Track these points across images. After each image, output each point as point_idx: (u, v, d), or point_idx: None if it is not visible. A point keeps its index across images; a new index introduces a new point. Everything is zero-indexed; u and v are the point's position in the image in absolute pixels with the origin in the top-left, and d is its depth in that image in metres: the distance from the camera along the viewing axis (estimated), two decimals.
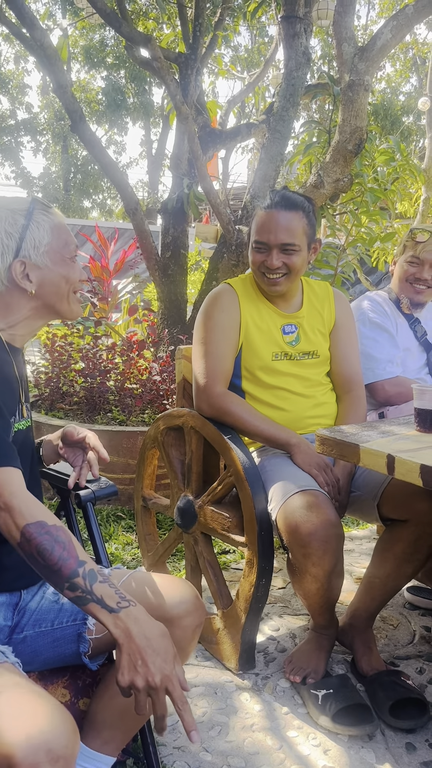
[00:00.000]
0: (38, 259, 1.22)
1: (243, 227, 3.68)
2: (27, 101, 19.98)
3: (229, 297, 1.97)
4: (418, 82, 15.88)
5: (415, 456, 1.30)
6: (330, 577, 1.63)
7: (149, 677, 0.97)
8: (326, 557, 1.59)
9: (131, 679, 0.97)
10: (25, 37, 3.51)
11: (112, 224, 12.02)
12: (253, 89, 5.79)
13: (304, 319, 2.00)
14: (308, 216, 1.90)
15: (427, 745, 1.61)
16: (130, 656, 0.98)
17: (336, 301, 2.08)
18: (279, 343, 1.96)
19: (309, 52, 3.71)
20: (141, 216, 3.93)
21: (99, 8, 3.79)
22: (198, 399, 1.94)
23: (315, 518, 1.59)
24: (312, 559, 1.60)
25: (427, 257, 2.28)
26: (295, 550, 1.63)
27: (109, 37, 16.24)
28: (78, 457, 1.44)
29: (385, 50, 3.12)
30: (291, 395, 1.96)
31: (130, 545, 2.73)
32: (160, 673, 0.97)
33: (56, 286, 1.25)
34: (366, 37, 13.02)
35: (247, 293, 1.99)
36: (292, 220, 1.86)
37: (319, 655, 1.79)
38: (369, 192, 3.53)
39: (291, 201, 1.87)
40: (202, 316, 1.97)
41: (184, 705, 0.97)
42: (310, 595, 1.68)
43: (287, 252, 1.87)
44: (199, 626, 1.26)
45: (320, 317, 2.04)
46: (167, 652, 1.00)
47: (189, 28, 4.27)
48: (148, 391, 3.41)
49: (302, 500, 1.64)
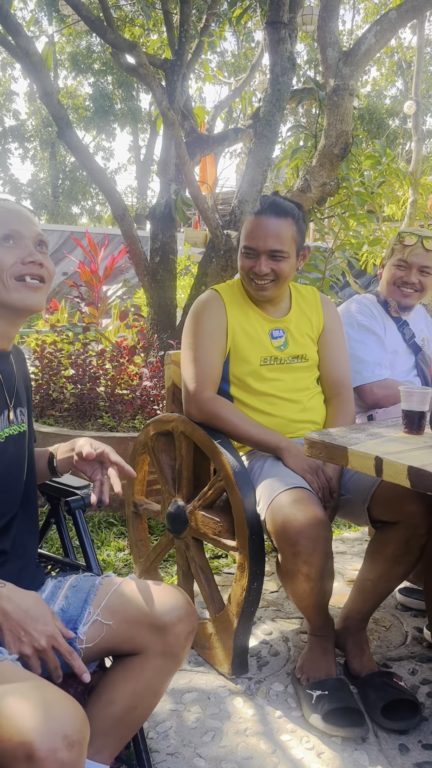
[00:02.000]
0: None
1: (231, 232, 3.69)
2: (14, 108, 20.01)
3: (216, 303, 1.97)
4: (404, 86, 16.00)
5: (403, 458, 1.30)
6: (321, 575, 1.63)
7: (35, 643, 1.05)
8: (316, 554, 1.60)
9: (19, 649, 1.05)
10: (10, 44, 3.51)
11: (101, 230, 12.01)
12: (240, 94, 5.81)
13: (291, 323, 2.01)
14: (298, 223, 1.90)
15: (420, 746, 1.61)
16: (12, 631, 1.05)
17: (324, 306, 2.09)
18: (267, 347, 1.97)
19: (294, 58, 3.73)
20: (130, 221, 3.93)
21: (84, 16, 3.80)
22: (187, 404, 1.94)
23: (302, 516, 1.60)
24: (302, 557, 1.60)
25: (415, 261, 2.28)
26: (285, 549, 1.63)
27: (95, 44, 16.27)
28: (96, 471, 1.33)
29: (370, 54, 3.15)
30: (279, 400, 1.96)
31: (122, 551, 2.72)
32: (44, 636, 1.05)
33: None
34: (352, 42, 13.10)
35: (234, 299, 2.00)
36: (282, 227, 1.86)
37: (327, 659, 1.78)
38: (356, 195, 3.55)
39: (281, 208, 1.88)
40: (190, 322, 1.98)
41: (72, 654, 1.08)
42: (303, 596, 1.68)
43: (276, 258, 1.87)
44: (191, 632, 1.25)
45: (309, 322, 2.05)
46: (45, 615, 1.09)
47: (175, 34, 4.28)
48: (139, 396, 3.41)
49: (289, 498, 1.65)
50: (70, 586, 1.27)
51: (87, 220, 22.57)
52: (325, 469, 1.83)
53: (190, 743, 1.61)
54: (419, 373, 2.36)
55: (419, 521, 1.67)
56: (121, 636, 1.21)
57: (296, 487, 1.69)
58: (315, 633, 1.80)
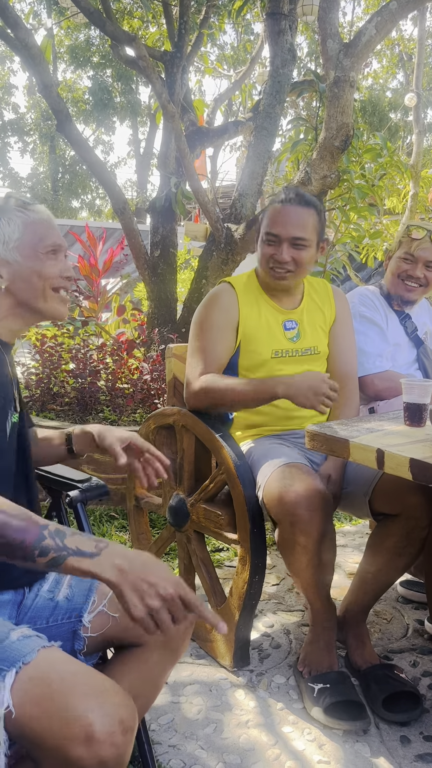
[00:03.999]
0: (8, 254, 1.22)
1: (232, 225, 3.68)
2: (13, 101, 19.92)
3: (228, 296, 1.97)
4: (405, 79, 15.92)
5: (405, 450, 1.30)
6: (320, 547, 1.63)
7: (160, 590, 0.94)
8: (313, 524, 1.60)
9: (146, 604, 0.93)
10: (9, 37, 3.49)
11: (101, 224, 11.98)
12: (240, 87, 5.79)
13: (304, 314, 2.02)
14: (320, 214, 1.93)
15: (422, 737, 1.62)
16: (134, 586, 0.94)
17: (336, 298, 2.10)
18: (280, 340, 1.97)
19: (294, 49, 3.71)
20: (129, 215, 3.92)
21: (83, 7, 3.78)
22: (186, 393, 1.94)
23: (299, 486, 1.62)
24: (299, 526, 1.60)
25: (422, 255, 2.26)
26: (283, 520, 1.64)
27: (94, 37, 16.19)
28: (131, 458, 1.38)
29: (370, 46, 3.13)
30: None
31: (123, 545, 2.72)
32: (170, 583, 0.94)
33: (27, 281, 1.23)
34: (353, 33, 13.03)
35: (248, 291, 2.00)
36: (305, 215, 1.88)
37: (329, 651, 1.78)
38: (356, 188, 3.54)
39: (304, 198, 1.91)
40: (199, 313, 1.98)
41: (201, 604, 0.96)
42: (301, 570, 1.68)
43: (297, 246, 1.88)
44: (190, 627, 1.27)
45: (321, 314, 2.05)
46: (163, 566, 0.98)
47: (174, 26, 4.26)
48: (139, 390, 3.41)
49: (284, 471, 1.67)
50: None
51: (87, 214, 22.51)
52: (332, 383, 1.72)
53: (191, 735, 1.61)
54: (420, 367, 2.36)
55: (420, 513, 1.67)
56: (123, 626, 1.21)
57: (291, 462, 1.70)
58: (317, 622, 1.79)
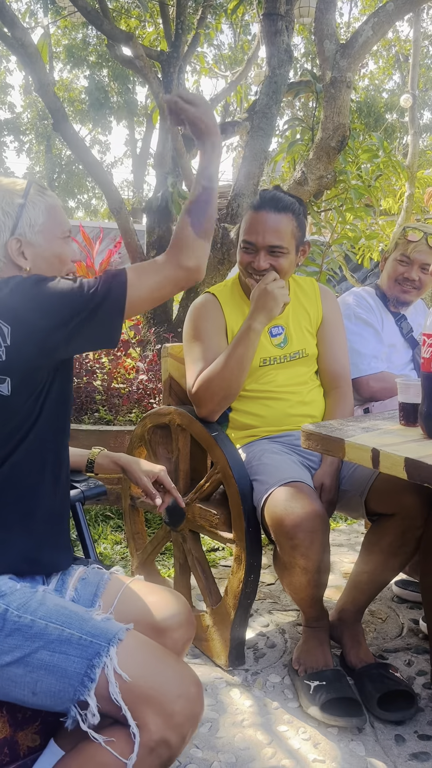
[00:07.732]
0: (33, 237, 1.25)
1: (228, 225, 3.68)
2: (9, 101, 19.82)
3: (212, 306, 1.96)
4: (401, 80, 15.94)
5: (400, 449, 1.30)
6: (319, 568, 1.64)
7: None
8: (313, 547, 1.60)
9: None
10: (5, 36, 3.49)
11: (97, 224, 11.95)
12: (236, 87, 5.79)
13: (290, 318, 2.00)
14: (298, 218, 1.88)
15: (416, 736, 1.62)
16: None
17: (323, 298, 2.07)
18: (266, 347, 1.96)
19: (291, 50, 3.71)
20: (126, 215, 3.92)
21: (80, 6, 3.78)
22: (194, 404, 1.91)
23: (300, 509, 1.60)
24: (300, 551, 1.61)
25: (418, 257, 2.25)
26: (283, 543, 1.63)
27: (91, 36, 16.14)
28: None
29: (367, 47, 3.13)
30: (277, 395, 1.96)
31: (119, 544, 2.72)
32: None
33: (49, 263, 1.28)
34: (349, 34, 13.05)
35: (231, 299, 1.98)
36: (281, 222, 1.84)
37: (323, 650, 1.78)
38: (353, 189, 3.54)
39: (281, 202, 1.86)
40: (188, 326, 1.97)
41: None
42: (300, 589, 1.69)
43: (275, 254, 1.86)
44: (188, 641, 1.29)
45: (307, 315, 2.03)
46: None
47: (171, 26, 4.26)
48: (135, 390, 3.41)
49: (286, 492, 1.65)
50: (78, 578, 1.29)
51: (83, 213, 22.48)
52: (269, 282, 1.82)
53: None
54: (416, 367, 2.36)
55: (415, 513, 1.68)
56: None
57: (294, 482, 1.69)
58: (309, 624, 1.80)
